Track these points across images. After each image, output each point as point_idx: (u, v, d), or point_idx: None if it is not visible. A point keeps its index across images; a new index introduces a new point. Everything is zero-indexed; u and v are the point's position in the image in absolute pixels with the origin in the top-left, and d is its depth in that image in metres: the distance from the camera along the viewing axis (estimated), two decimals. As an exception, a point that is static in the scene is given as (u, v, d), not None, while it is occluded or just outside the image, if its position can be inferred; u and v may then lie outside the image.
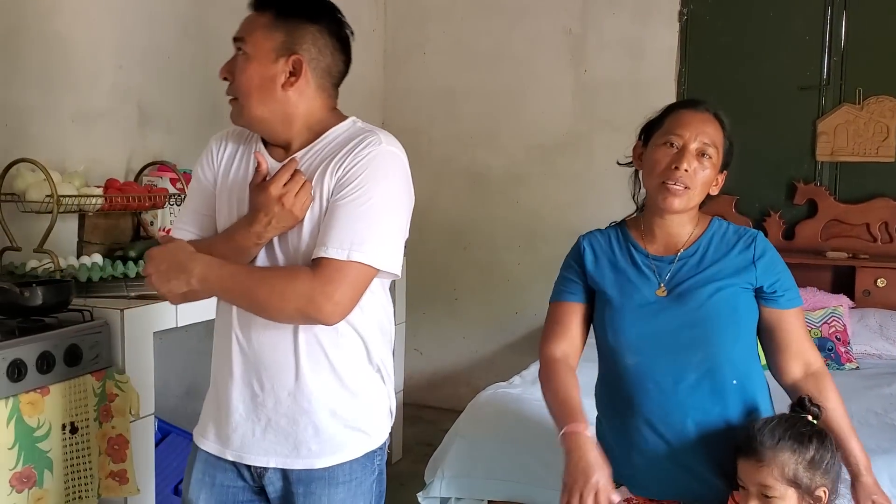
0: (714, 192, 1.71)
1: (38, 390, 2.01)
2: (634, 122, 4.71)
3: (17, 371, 1.95)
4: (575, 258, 1.79)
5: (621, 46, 4.31)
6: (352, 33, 1.62)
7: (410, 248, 4.42)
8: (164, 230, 2.56)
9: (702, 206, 1.73)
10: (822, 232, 3.91)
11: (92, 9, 2.82)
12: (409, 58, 4.75)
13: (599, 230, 1.82)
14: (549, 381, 1.70)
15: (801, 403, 1.60)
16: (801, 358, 1.69)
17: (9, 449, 1.93)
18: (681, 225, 1.71)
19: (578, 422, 1.56)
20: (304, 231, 1.48)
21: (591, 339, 1.77)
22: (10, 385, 1.94)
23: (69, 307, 2.21)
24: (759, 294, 1.68)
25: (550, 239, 4.50)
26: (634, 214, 1.81)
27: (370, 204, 1.45)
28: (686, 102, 1.75)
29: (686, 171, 1.62)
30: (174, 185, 2.82)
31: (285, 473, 1.55)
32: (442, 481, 2.37)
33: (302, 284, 1.40)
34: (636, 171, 1.78)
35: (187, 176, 2.60)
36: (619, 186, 4.52)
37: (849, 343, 3.32)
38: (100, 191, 2.56)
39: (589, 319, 1.77)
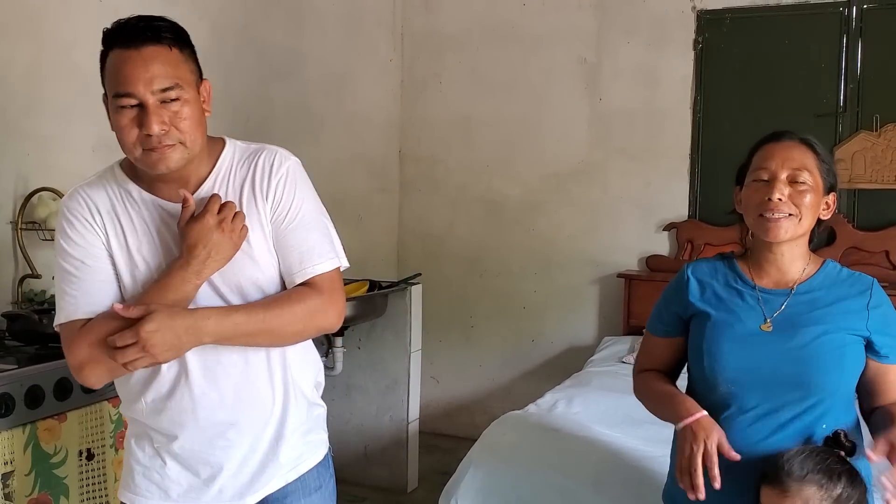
0: (826, 215, 1.69)
1: (55, 417, 2.04)
2: (649, 151, 4.75)
3: (34, 398, 1.97)
4: (677, 288, 1.78)
5: (636, 75, 4.33)
6: None
7: (426, 276, 4.46)
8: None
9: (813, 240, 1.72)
10: (840, 259, 3.87)
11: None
12: (425, 87, 4.80)
13: (705, 259, 1.81)
14: (646, 386, 1.79)
15: (836, 438, 1.56)
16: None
17: (25, 475, 1.95)
18: (791, 260, 1.68)
19: (693, 411, 1.61)
20: (257, 260, 1.48)
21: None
22: (28, 412, 1.96)
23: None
24: (869, 346, 1.64)
25: (566, 267, 4.50)
26: (743, 251, 1.79)
27: (312, 214, 1.52)
28: (769, 136, 1.73)
29: (780, 199, 1.61)
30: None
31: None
32: (456, 510, 2.35)
33: (312, 303, 1.47)
34: (741, 216, 1.75)
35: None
36: (634, 214, 4.59)
37: (869, 372, 3.28)
38: (119, 219, 2.59)
39: (684, 350, 1.79)
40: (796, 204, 1.62)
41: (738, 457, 1.53)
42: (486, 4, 4.62)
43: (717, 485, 1.52)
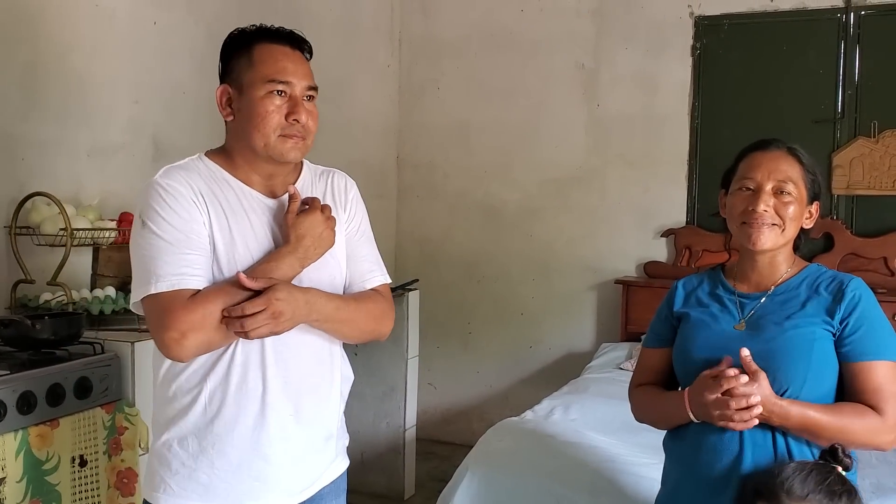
0: (808, 224, 1.71)
1: (48, 423, 2.02)
2: (647, 157, 4.75)
3: (26, 403, 1.96)
4: (667, 300, 1.82)
5: (634, 81, 4.33)
6: None
7: (425, 282, 4.45)
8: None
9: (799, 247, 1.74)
10: (839, 266, 3.86)
11: (109, 46, 2.87)
12: (423, 93, 4.79)
13: (696, 273, 1.85)
14: (643, 398, 1.79)
15: (833, 453, 1.52)
16: (869, 405, 1.60)
17: (17, 482, 1.93)
18: (774, 266, 1.69)
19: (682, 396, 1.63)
20: (338, 261, 1.60)
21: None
22: (20, 417, 1.95)
23: (80, 340, 2.22)
24: (839, 342, 1.60)
25: (564, 272, 4.49)
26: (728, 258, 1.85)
27: (371, 233, 1.70)
28: (756, 144, 1.73)
29: (765, 210, 1.62)
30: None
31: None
32: (452, 517, 2.33)
33: (382, 306, 1.63)
34: (724, 220, 1.77)
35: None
36: (632, 221, 4.58)
37: (868, 379, 3.26)
38: (114, 224, 2.59)
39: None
40: (780, 215, 1.64)
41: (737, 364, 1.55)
42: (485, 10, 4.62)
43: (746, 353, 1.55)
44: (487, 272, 4.70)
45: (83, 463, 2.12)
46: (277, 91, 1.50)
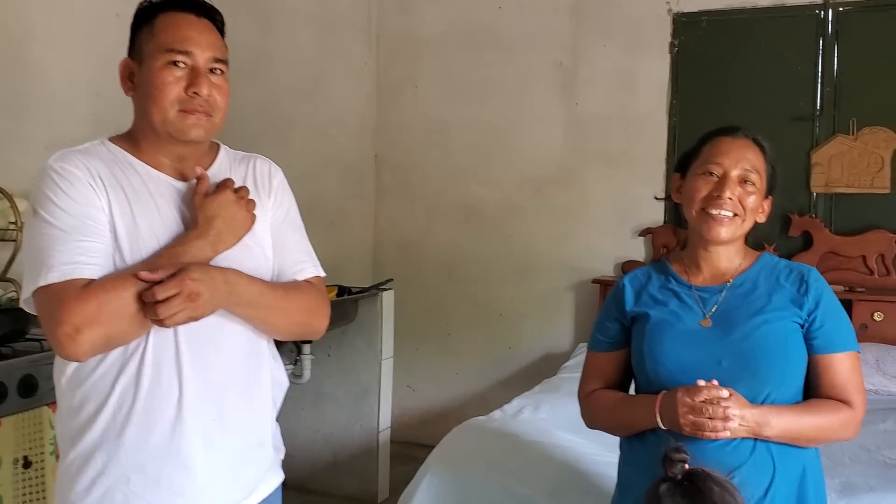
0: (762, 219, 1.68)
1: (-12, 422, 1.95)
2: (625, 156, 4.71)
3: (-36, 402, 1.89)
4: (615, 300, 1.74)
5: (612, 79, 4.28)
6: None
7: (403, 283, 4.40)
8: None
9: (748, 240, 1.70)
10: (818, 265, 3.81)
11: (67, 36, 2.81)
12: (401, 91, 4.74)
13: (640, 268, 1.78)
14: (600, 403, 1.70)
15: (669, 457, 1.38)
16: (838, 397, 1.57)
17: (-47, 483, 1.86)
18: (728, 258, 1.66)
19: (655, 400, 1.54)
20: (260, 249, 1.48)
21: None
22: (-43, 416, 1.88)
23: (26, 337, 2.16)
24: (808, 334, 1.58)
25: (543, 273, 4.44)
26: (677, 250, 1.78)
27: (301, 222, 1.57)
28: (723, 130, 1.69)
29: (730, 199, 1.58)
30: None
31: None
32: (412, 519, 2.28)
33: (314, 299, 1.48)
34: (676, 206, 1.73)
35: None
36: (611, 220, 4.53)
37: (845, 378, 3.21)
38: (68, 219, 2.52)
39: (629, 363, 1.72)
40: (742, 205, 1.60)
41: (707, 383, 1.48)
42: (462, 8, 4.57)
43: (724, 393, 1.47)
44: (466, 273, 4.64)
45: (27, 464, 2.05)
46: (176, 62, 1.37)
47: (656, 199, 1.60)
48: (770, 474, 1.52)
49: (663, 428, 1.53)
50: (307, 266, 1.53)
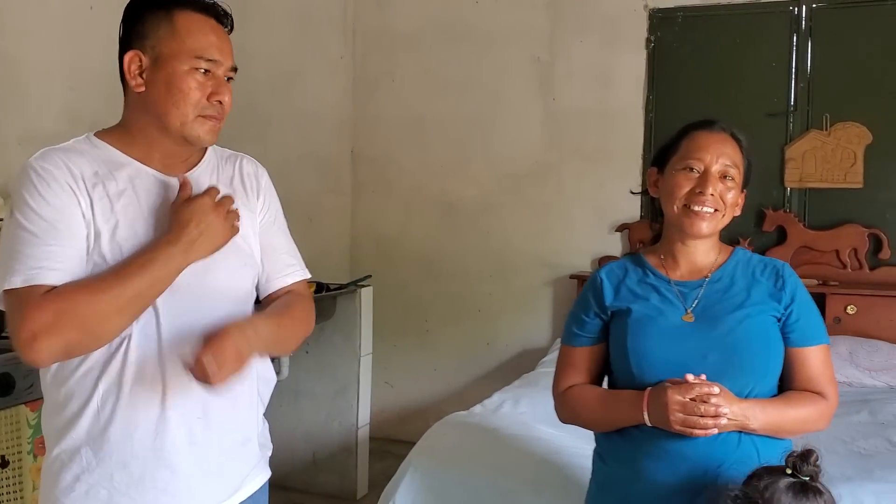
0: (737, 212, 1.68)
1: (-37, 421, 1.92)
2: (602, 151, 4.74)
3: (-61, 400, 1.86)
4: (593, 294, 1.70)
5: (589, 74, 4.30)
6: None
7: (381, 279, 4.39)
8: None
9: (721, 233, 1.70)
10: (791, 259, 3.86)
11: (42, 29, 2.77)
12: (378, 86, 4.72)
13: (614, 262, 1.75)
14: (582, 398, 1.66)
15: (806, 457, 1.40)
16: (813, 389, 1.61)
17: (-72, 483, 1.83)
18: (706, 252, 1.67)
19: (641, 396, 1.54)
20: (246, 252, 1.47)
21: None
22: (-68, 415, 1.85)
23: (3, 335, 2.12)
24: (784, 328, 1.62)
25: (522, 269, 4.44)
26: (651, 244, 1.76)
27: (286, 223, 1.58)
28: (701, 123, 1.68)
29: (711, 195, 1.59)
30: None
31: None
32: (393, 515, 2.27)
33: (306, 308, 1.52)
34: (652, 200, 1.73)
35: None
36: (589, 216, 4.54)
37: (819, 371, 3.26)
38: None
39: (606, 358, 1.70)
40: (723, 200, 1.61)
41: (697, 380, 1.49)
42: (439, 2, 4.57)
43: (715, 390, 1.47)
44: (444, 269, 4.64)
45: (5, 463, 2.02)
46: (201, 69, 1.36)
47: (632, 192, 1.59)
48: (754, 467, 1.53)
49: (649, 425, 1.53)
50: (296, 270, 1.54)
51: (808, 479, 1.39)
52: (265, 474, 1.55)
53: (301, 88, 4.26)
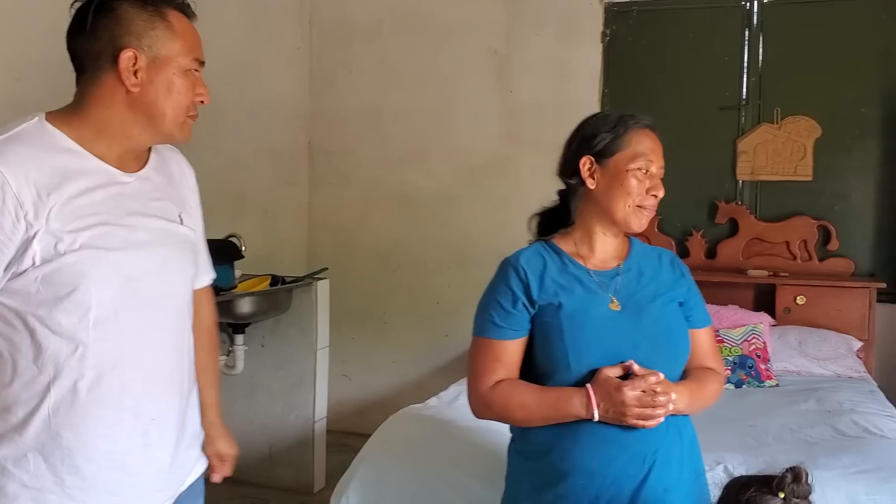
0: None
1: None
2: (559, 144, 4.71)
3: None
4: (518, 285, 1.63)
5: (546, 67, 4.31)
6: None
7: (338, 272, 4.36)
8: None
9: None
10: (743, 250, 3.94)
11: (-16, 19, 2.70)
12: (335, 77, 4.69)
13: (527, 251, 1.70)
14: (511, 396, 1.60)
15: (798, 479, 1.37)
16: (707, 366, 1.72)
17: None
18: (623, 244, 1.71)
19: (581, 392, 1.55)
20: (192, 251, 1.49)
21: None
22: None
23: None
24: (683, 312, 1.70)
25: (480, 261, 4.43)
26: (563, 231, 1.73)
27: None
28: (641, 120, 1.67)
29: (657, 196, 1.65)
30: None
31: None
32: (347, 508, 2.27)
33: (214, 311, 1.66)
34: (578, 188, 1.69)
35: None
36: (546, 208, 4.53)
37: (769, 360, 3.33)
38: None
39: (526, 350, 1.66)
40: (658, 199, 1.67)
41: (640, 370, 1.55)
42: (397, -7, 4.54)
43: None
44: (403, 261, 4.63)
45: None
46: (192, 70, 1.38)
47: (559, 177, 1.56)
48: (679, 445, 1.60)
49: (595, 419, 1.53)
50: (208, 272, 1.63)
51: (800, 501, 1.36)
52: (204, 461, 1.57)
53: (257, 80, 4.21)
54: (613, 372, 1.54)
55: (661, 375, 1.54)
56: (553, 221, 1.76)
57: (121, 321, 1.31)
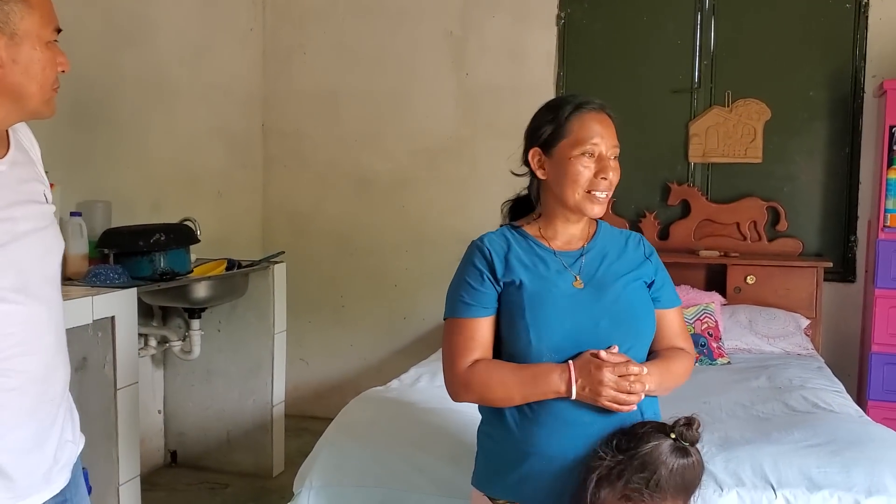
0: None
1: None
2: (515, 127, 4.68)
3: None
4: (483, 264, 1.66)
5: (502, 50, 4.32)
6: None
7: (295, 255, 4.33)
8: None
9: None
10: (695, 231, 4.01)
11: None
12: (289, 59, 4.63)
13: (492, 233, 1.74)
14: (490, 376, 1.61)
15: (690, 425, 1.52)
16: (676, 345, 1.74)
17: None
18: (586, 226, 1.73)
19: (562, 368, 1.57)
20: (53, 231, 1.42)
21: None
22: None
23: None
24: (651, 293, 1.72)
25: (438, 244, 4.46)
26: (529, 216, 1.76)
27: None
28: (588, 103, 1.68)
29: (610, 179, 1.64)
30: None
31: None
32: (310, 491, 2.26)
33: None
34: (533, 179, 1.72)
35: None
36: (504, 191, 4.53)
37: (720, 339, 3.41)
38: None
39: (497, 329, 1.67)
40: (613, 181, 1.66)
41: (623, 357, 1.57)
42: (351, -26, 4.50)
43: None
44: (360, 244, 4.62)
45: None
46: (56, 40, 1.32)
47: (515, 174, 1.58)
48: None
49: (572, 398, 1.55)
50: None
51: (688, 444, 1.52)
52: (81, 441, 1.53)
53: (209, 61, 4.14)
54: (600, 354, 1.56)
55: (643, 367, 1.57)
56: (523, 208, 1.80)
57: (20, 313, 1.29)
